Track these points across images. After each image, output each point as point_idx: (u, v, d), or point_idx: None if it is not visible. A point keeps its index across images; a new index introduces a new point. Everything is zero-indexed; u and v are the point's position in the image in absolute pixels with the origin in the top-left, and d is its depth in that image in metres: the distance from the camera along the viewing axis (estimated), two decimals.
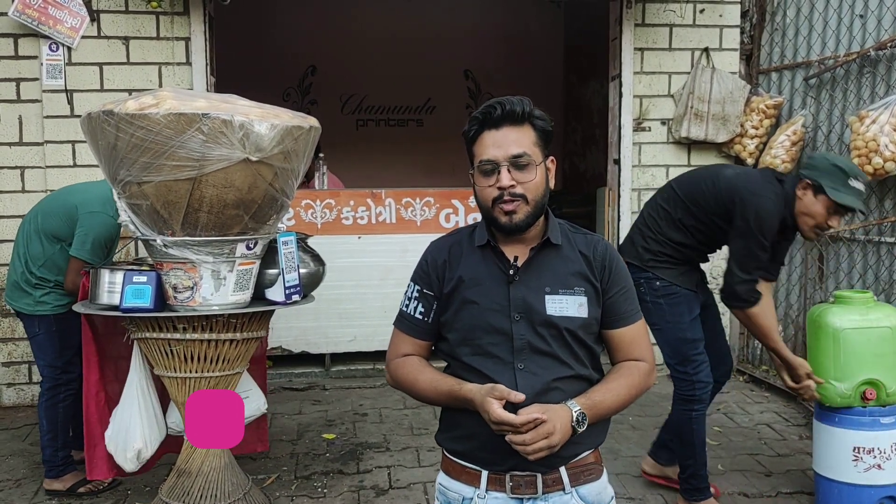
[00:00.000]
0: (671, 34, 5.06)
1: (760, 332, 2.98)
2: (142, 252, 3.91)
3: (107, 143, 2.59)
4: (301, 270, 3.05)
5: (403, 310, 1.76)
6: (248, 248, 2.81)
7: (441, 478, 1.73)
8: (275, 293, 2.96)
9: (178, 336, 2.80)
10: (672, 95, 5.09)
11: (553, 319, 1.62)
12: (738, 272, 2.88)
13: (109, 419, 3.03)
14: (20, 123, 4.56)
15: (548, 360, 1.62)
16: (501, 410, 1.49)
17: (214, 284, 2.76)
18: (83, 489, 3.37)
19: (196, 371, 2.85)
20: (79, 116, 3.95)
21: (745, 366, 5.14)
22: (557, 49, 8.92)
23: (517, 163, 1.60)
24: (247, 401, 3.06)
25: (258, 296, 2.97)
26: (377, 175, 7.48)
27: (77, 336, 3.08)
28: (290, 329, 4.93)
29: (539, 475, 1.61)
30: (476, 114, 1.64)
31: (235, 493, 2.94)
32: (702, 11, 5.06)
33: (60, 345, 3.32)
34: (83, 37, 4.52)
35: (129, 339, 2.93)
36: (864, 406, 2.94)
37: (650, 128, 5.11)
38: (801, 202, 2.85)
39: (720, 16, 5.09)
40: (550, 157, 1.68)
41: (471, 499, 1.65)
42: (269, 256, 2.95)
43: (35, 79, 4.54)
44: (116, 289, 2.78)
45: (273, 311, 3.06)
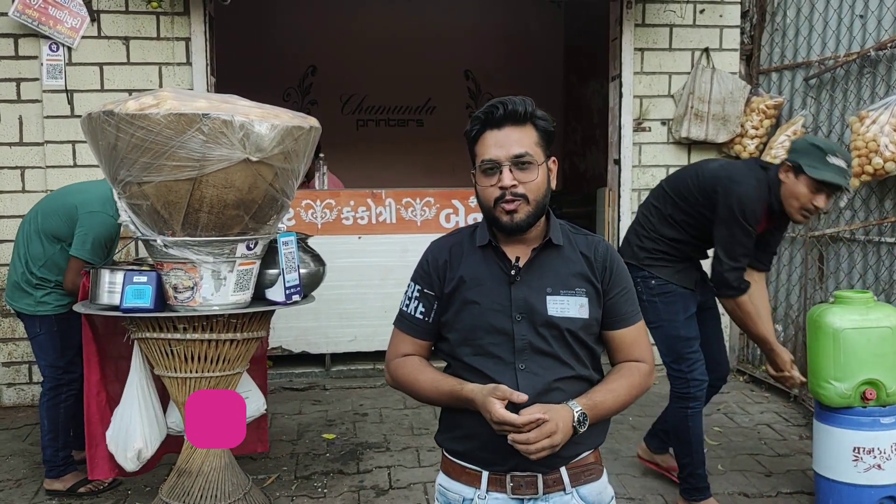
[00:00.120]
0: (671, 34, 5.06)
1: (749, 320, 3.00)
2: (142, 252, 3.92)
3: (107, 144, 2.59)
4: (301, 270, 3.05)
5: (404, 309, 1.75)
6: (249, 249, 2.81)
7: (441, 478, 1.73)
8: (275, 293, 2.97)
9: (179, 336, 2.80)
10: (672, 96, 5.09)
11: (554, 320, 1.62)
12: (726, 259, 2.91)
13: (110, 419, 3.03)
14: (20, 123, 4.56)
15: (549, 361, 1.62)
16: (504, 410, 1.49)
17: (215, 284, 2.76)
18: (83, 489, 3.37)
19: (196, 371, 2.85)
20: (79, 116, 3.96)
21: (745, 366, 5.14)
22: (557, 49, 8.92)
23: (519, 163, 1.60)
24: (247, 401, 3.06)
25: (258, 296, 2.97)
26: (377, 175, 7.48)
27: (78, 336, 3.08)
28: (291, 329, 4.93)
29: (540, 475, 1.61)
30: (478, 113, 1.64)
31: (236, 493, 2.94)
32: (702, 12, 5.06)
33: (62, 345, 3.32)
34: (83, 37, 4.52)
35: (130, 339, 2.93)
36: (865, 406, 2.95)
37: (650, 128, 5.11)
38: (785, 186, 2.87)
39: (720, 16, 5.09)
40: (552, 158, 1.68)
41: (471, 499, 1.65)
42: (270, 256, 2.95)
43: (35, 79, 4.54)
44: (117, 289, 2.78)
45: (273, 311, 3.06)
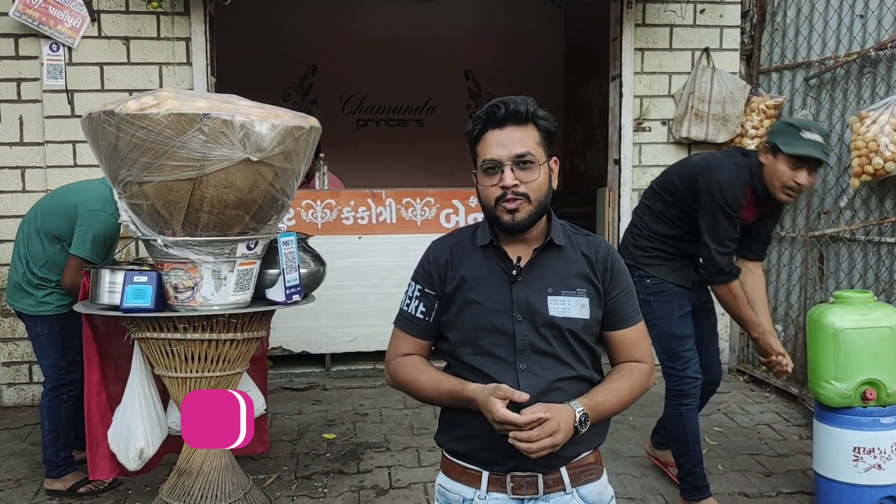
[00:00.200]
0: (671, 34, 5.06)
1: (741, 305, 3.02)
2: (142, 252, 3.92)
3: (107, 144, 2.60)
4: (301, 270, 3.05)
5: (404, 309, 1.75)
6: (249, 248, 2.81)
7: (441, 479, 1.73)
8: (275, 293, 2.97)
9: (179, 336, 2.80)
10: (672, 95, 5.09)
11: (555, 320, 1.62)
12: (713, 245, 2.94)
13: (111, 419, 3.03)
14: (21, 123, 4.56)
15: (550, 361, 1.62)
16: (505, 410, 1.49)
17: (215, 284, 2.76)
18: (84, 489, 3.37)
19: (196, 371, 2.85)
20: (79, 116, 3.96)
21: (746, 366, 5.14)
22: (558, 49, 8.92)
23: (520, 162, 1.60)
24: None
25: (259, 296, 2.97)
26: (377, 175, 7.47)
27: (80, 336, 3.07)
28: (291, 329, 4.93)
29: (540, 475, 1.61)
30: (480, 113, 1.64)
31: (236, 493, 2.94)
32: (702, 12, 5.06)
33: (63, 345, 3.32)
34: (84, 37, 4.52)
35: (130, 339, 2.93)
36: (865, 406, 2.95)
37: (650, 128, 5.11)
38: (766, 167, 2.91)
39: (720, 16, 5.09)
40: (553, 158, 1.68)
41: (471, 499, 1.65)
42: (270, 256, 2.95)
43: (36, 79, 4.54)
44: (117, 289, 2.78)
45: (273, 311, 3.06)
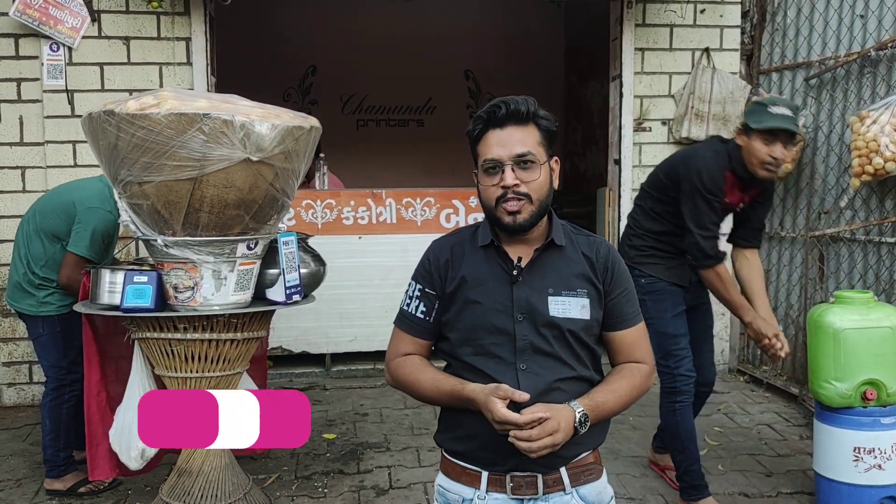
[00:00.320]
0: (672, 34, 5.05)
1: (729, 289, 3.04)
2: (142, 252, 3.91)
3: (108, 144, 2.60)
4: (302, 270, 3.05)
5: (404, 308, 1.75)
6: (249, 248, 2.81)
7: (440, 479, 1.73)
8: (275, 293, 2.97)
9: (179, 336, 2.80)
10: (673, 96, 5.09)
11: (556, 320, 1.62)
12: (696, 229, 3.00)
13: (111, 419, 3.03)
14: (21, 123, 4.55)
15: (550, 361, 1.62)
16: (506, 410, 1.49)
17: (215, 284, 2.76)
18: (84, 489, 3.37)
19: (197, 371, 2.85)
20: (79, 116, 3.96)
21: (746, 366, 5.14)
22: (558, 49, 8.92)
23: (521, 162, 1.60)
24: None
25: (259, 296, 2.97)
26: (377, 175, 7.47)
27: (81, 336, 3.07)
28: (291, 329, 4.93)
29: (539, 476, 1.61)
30: (480, 113, 1.64)
31: (236, 493, 2.94)
32: (702, 12, 5.06)
33: (64, 345, 3.31)
34: (84, 37, 4.52)
35: (130, 339, 2.93)
36: (865, 406, 2.95)
37: (651, 128, 5.11)
38: (743, 148, 2.97)
39: (721, 16, 5.08)
40: (554, 158, 1.68)
41: (471, 500, 1.65)
42: (270, 256, 2.95)
43: (36, 79, 4.54)
44: (117, 289, 2.78)
45: (274, 311, 3.06)
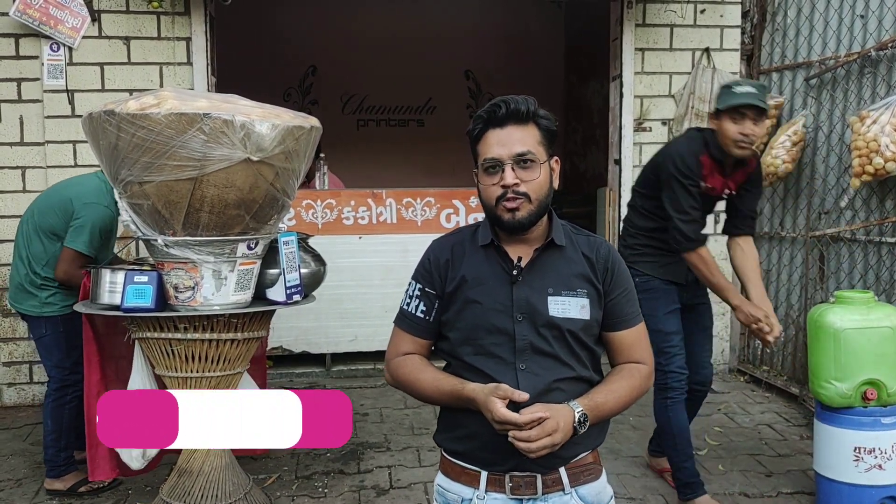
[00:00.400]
0: (672, 34, 5.05)
1: (714, 272, 3.08)
2: (142, 252, 3.91)
3: (108, 143, 2.60)
4: (302, 270, 3.05)
5: (404, 308, 1.75)
6: (250, 248, 2.81)
7: (440, 479, 1.73)
8: (276, 293, 2.97)
9: (180, 336, 2.80)
10: (673, 96, 5.09)
11: (555, 320, 1.62)
12: (676, 214, 3.06)
13: None
14: (21, 123, 4.56)
15: (549, 361, 1.62)
16: (505, 410, 1.49)
17: (215, 284, 2.76)
18: (84, 489, 3.37)
19: (197, 371, 2.85)
20: (80, 116, 3.95)
21: (746, 366, 5.14)
22: (558, 49, 8.92)
23: (521, 161, 1.60)
24: None
25: (259, 295, 2.97)
26: (378, 175, 7.47)
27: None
28: (291, 329, 4.93)
29: (539, 476, 1.61)
30: (481, 112, 1.64)
31: (236, 493, 2.94)
32: (702, 12, 5.06)
33: (67, 345, 3.30)
34: (84, 37, 4.52)
35: (130, 339, 2.93)
36: (865, 406, 2.95)
37: (651, 128, 5.11)
38: (717, 132, 3.05)
39: (721, 16, 5.08)
40: (554, 157, 1.67)
41: (470, 500, 1.65)
42: (270, 256, 2.95)
43: (36, 79, 4.54)
44: (118, 289, 2.78)
45: (274, 311, 3.06)
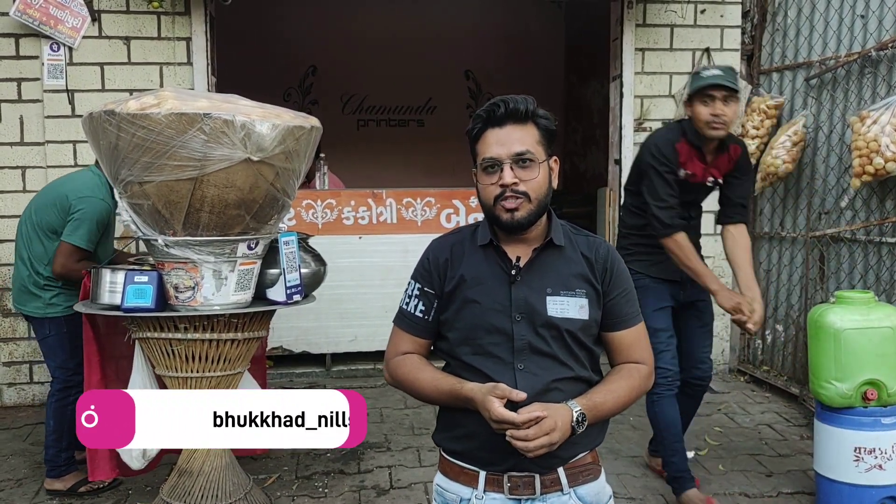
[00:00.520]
0: (672, 34, 5.05)
1: (690, 257, 3.11)
2: (142, 248, 3.91)
3: (108, 143, 2.60)
4: (302, 270, 3.05)
5: (403, 307, 1.75)
6: (250, 248, 2.81)
7: (438, 478, 1.73)
8: (276, 293, 2.97)
9: (180, 336, 2.80)
10: (673, 96, 5.09)
11: (554, 320, 1.62)
12: (652, 201, 3.14)
13: None
14: (21, 123, 4.56)
15: (548, 361, 1.62)
16: (503, 409, 1.49)
17: (216, 284, 2.76)
18: (84, 489, 3.37)
19: (197, 371, 2.85)
20: (80, 116, 3.96)
21: (746, 366, 5.14)
22: (558, 49, 8.92)
23: (520, 160, 1.60)
24: None
25: (259, 295, 2.97)
26: (378, 175, 7.48)
27: None
28: (291, 329, 4.93)
29: (537, 476, 1.61)
30: (480, 112, 1.64)
31: (237, 493, 2.94)
32: (703, 12, 5.06)
33: (71, 346, 3.29)
34: (84, 37, 4.52)
35: (131, 339, 2.93)
36: (866, 406, 2.95)
37: (651, 128, 5.09)
38: (691, 117, 3.17)
39: (721, 16, 5.08)
40: (553, 157, 1.67)
41: (468, 499, 1.65)
42: (271, 256, 2.95)
43: (36, 79, 4.54)
44: (118, 289, 2.78)
45: (274, 311, 3.06)
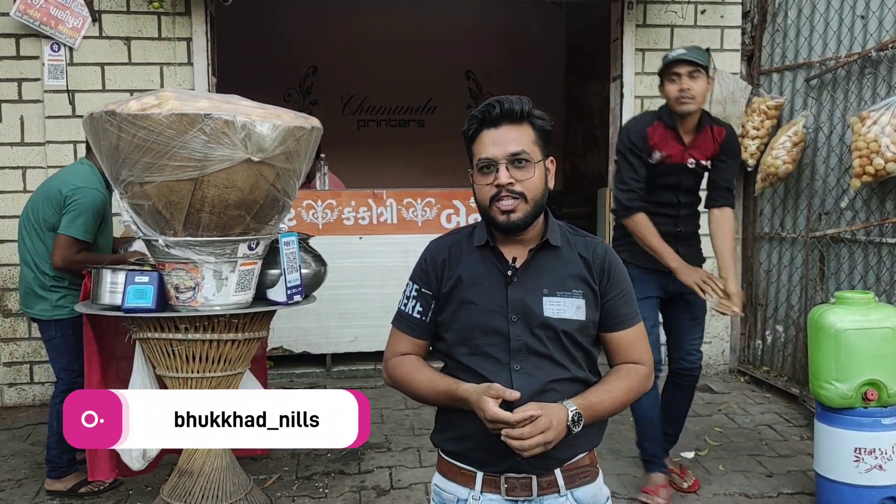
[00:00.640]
0: (672, 35, 5.05)
1: (647, 237, 3.16)
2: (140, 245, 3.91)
3: (109, 144, 2.60)
4: (302, 271, 3.05)
5: (402, 309, 1.76)
6: (250, 249, 2.81)
7: (437, 478, 1.74)
8: (276, 293, 2.97)
9: (180, 336, 2.81)
10: None
11: (550, 321, 1.62)
12: (616, 184, 3.25)
13: None
14: (22, 124, 4.56)
15: (544, 362, 1.62)
16: (497, 409, 1.49)
17: (216, 285, 2.76)
18: (84, 489, 3.37)
19: (198, 371, 2.86)
20: (80, 117, 3.96)
21: (746, 366, 5.14)
22: (558, 50, 8.92)
23: (516, 160, 1.60)
24: None
25: (260, 296, 2.97)
26: (378, 175, 7.48)
27: None
28: (292, 329, 4.93)
29: (534, 477, 1.61)
30: (475, 112, 1.64)
31: (237, 494, 2.95)
32: (703, 12, 5.06)
33: (77, 348, 3.27)
34: (85, 37, 4.53)
35: (131, 340, 2.94)
36: (866, 407, 2.95)
37: None
38: (665, 98, 3.22)
39: (721, 17, 5.08)
40: (550, 158, 1.67)
41: (465, 500, 1.65)
42: (271, 257, 2.95)
43: (37, 79, 4.54)
44: (119, 289, 2.79)
45: (275, 312, 3.07)
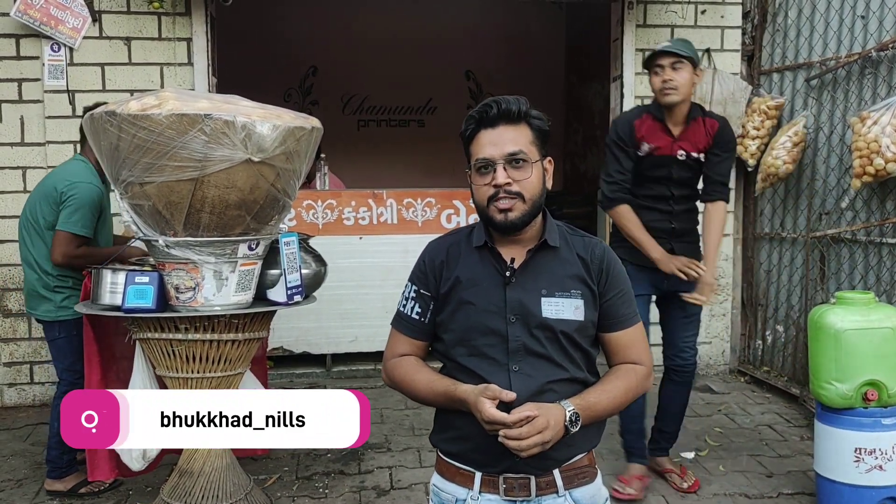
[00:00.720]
0: (672, 35, 5.04)
1: (629, 227, 3.21)
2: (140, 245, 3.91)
3: (109, 144, 2.60)
4: (303, 271, 3.05)
5: (400, 310, 1.76)
6: (250, 249, 2.81)
7: (435, 479, 1.74)
8: (276, 294, 2.97)
9: (181, 336, 2.81)
10: None
11: (548, 322, 1.62)
12: (602, 176, 3.32)
13: None
14: (22, 124, 4.56)
15: (542, 363, 1.62)
16: (494, 410, 1.49)
17: (216, 285, 2.76)
18: (84, 490, 3.37)
19: (198, 371, 2.86)
20: (80, 117, 3.96)
21: (746, 367, 5.14)
22: (558, 50, 8.92)
23: (513, 160, 1.60)
24: None
25: (260, 296, 2.97)
26: (378, 175, 7.48)
27: None
28: (292, 329, 4.93)
29: (532, 478, 1.62)
30: (472, 113, 1.65)
31: (237, 494, 2.95)
32: (703, 12, 5.06)
33: (80, 348, 3.26)
34: (85, 37, 4.53)
35: (131, 340, 2.94)
36: (866, 407, 2.95)
37: None
38: (652, 91, 3.28)
39: (721, 17, 5.08)
40: (548, 158, 1.68)
41: (464, 500, 1.65)
42: (271, 257, 2.95)
43: (37, 79, 4.54)
44: (119, 289, 2.79)
45: (275, 312, 3.07)
